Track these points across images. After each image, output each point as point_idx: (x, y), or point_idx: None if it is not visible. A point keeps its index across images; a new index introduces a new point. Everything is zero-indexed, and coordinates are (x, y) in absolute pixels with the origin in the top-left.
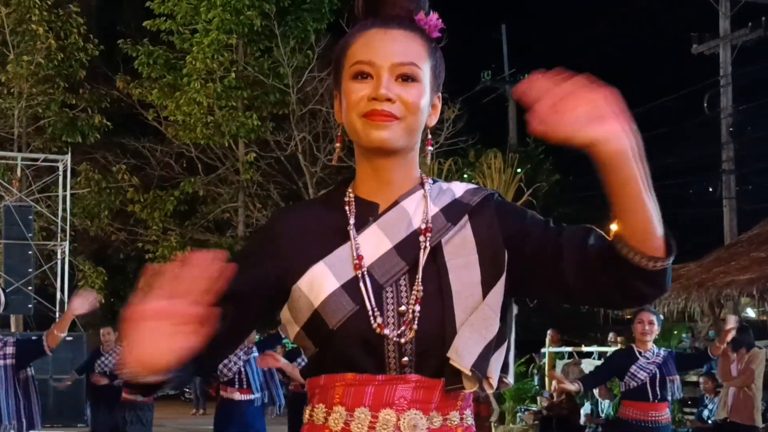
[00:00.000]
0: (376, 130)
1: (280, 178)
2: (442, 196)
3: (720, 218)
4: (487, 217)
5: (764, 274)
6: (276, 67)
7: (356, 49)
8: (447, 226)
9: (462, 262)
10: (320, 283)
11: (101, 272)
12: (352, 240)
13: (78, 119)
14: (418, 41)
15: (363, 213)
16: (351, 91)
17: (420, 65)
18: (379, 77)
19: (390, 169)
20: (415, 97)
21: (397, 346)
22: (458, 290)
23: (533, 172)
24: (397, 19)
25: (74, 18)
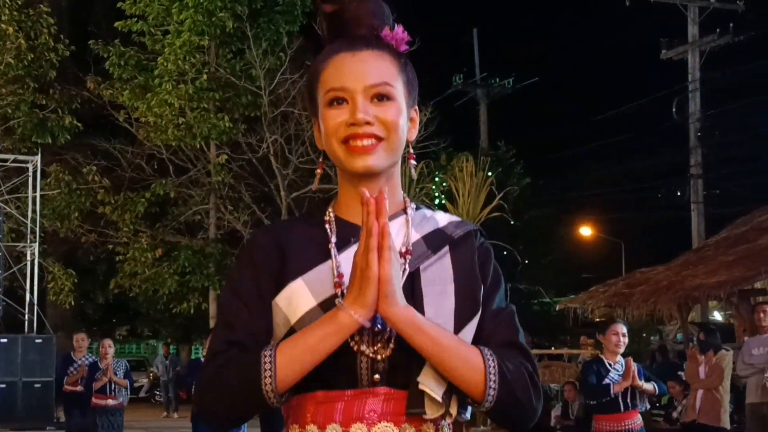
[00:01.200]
0: (360, 157)
1: (252, 180)
2: (424, 224)
3: (688, 222)
4: (468, 253)
5: (731, 277)
6: (248, 69)
7: (327, 76)
8: (427, 253)
9: (438, 290)
10: (297, 300)
11: (71, 274)
12: (334, 258)
13: (48, 120)
14: (388, 59)
15: (345, 233)
16: (328, 118)
17: (393, 83)
18: (354, 101)
19: (373, 190)
20: (393, 116)
21: (371, 363)
22: (430, 317)
23: (504, 175)
24: (364, 40)
25: (44, 18)
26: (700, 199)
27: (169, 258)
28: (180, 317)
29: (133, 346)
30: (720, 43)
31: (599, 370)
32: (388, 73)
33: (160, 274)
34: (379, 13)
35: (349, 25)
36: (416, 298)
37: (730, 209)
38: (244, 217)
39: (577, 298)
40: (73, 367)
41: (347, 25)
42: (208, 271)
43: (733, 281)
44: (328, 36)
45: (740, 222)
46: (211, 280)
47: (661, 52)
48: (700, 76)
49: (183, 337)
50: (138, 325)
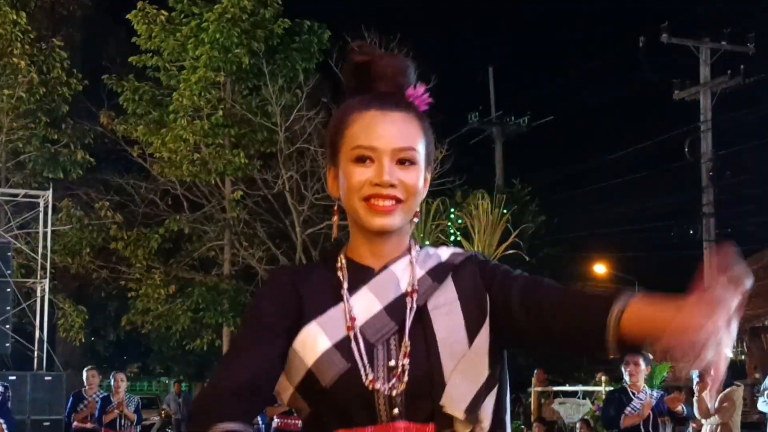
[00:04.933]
0: (378, 217)
1: (267, 216)
2: (428, 260)
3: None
4: (469, 271)
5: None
6: (264, 105)
7: (356, 132)
8: (433, 285)
9: (445, 309)
10: (313, 343)
11: (82, 311)
12: (345, 302)
13: (60, 155)
14: (414, 122)
15: (356, 275)
16: (352, 175)
17: (417, 148)
18: (380, 163)
19: (384, 244)
20: (414, 180)
21: (388, 399)
22: (443, 337)
23: (519, 213)
24: (394, 99)
25: (57, 52)
26: (712, 238)
27: (183, 294)
28: (193, 354)
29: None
30: (731, 84)
31: (621, 398)
32: (414, 137)
33: (173, 310)
34: (407, 72)
35: (376, 79)
36: (425, 324)
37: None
38: (258, 254)
39: None
40: (83, 404)
41: (375, 80)
42: (221, 308)
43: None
44: (353, 86)
45: (752, 260)
46: (224, 316)
47: (674, 92)
48: (711, 116)
49: (196, 374)
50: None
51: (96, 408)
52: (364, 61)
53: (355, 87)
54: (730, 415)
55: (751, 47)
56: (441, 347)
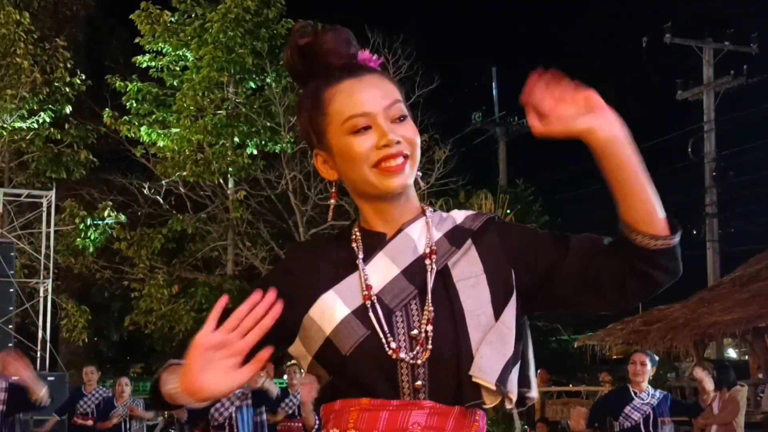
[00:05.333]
0: (393, 177)
1: (271, 216)
2: (443, 223)
3: (703, 260)
4: (491, 239)
5: (746, 315)
6: (267, 105)
7: (340, 105)
8: (452, 249)
9: (471, 282)
10: (331, 311)
11: (85, 311)
12: (361, 270)
13: (63, 155)
14: (386, 79)
15: (370, 243)
16: (354, 146)
17: (401, 100)
18: (378, 125)
19: (395, 207)
20: (413, 133)
21: (411, 369)
22: (470, 309)
23: (523, 213)
24: (357, 65)
25: (61, 52)
26: (715, 238)
27: (186, 294)
28: None
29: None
30: (734, 84)
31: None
32: (395, 93)
33: (176, 310)
34: (351, 42)
35: (326, 55)
36: (451, 293)
37: (745, 248)
38: (262, 254)
39: (595, 336)
40: (82, 401)
41: (325, 56)
42: None
43: (747, 319)
44: (304, 69)
45: (755, 260)
46: None
47: (677, 92)
48: (714, 116)
49: None
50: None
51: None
52: (309, 41)
53: (307, 71)
54: (734, 416)
55: (754, 47)
56: (468, 318)
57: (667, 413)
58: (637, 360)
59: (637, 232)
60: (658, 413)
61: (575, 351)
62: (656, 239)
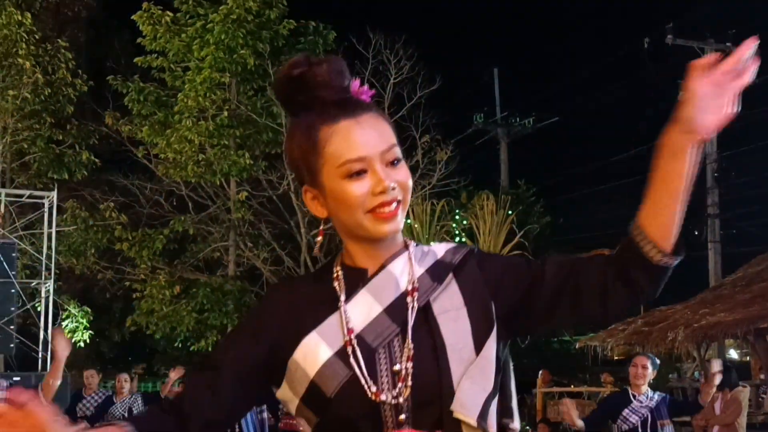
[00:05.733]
0: (386, 224)
1: (272, 217)
2: (425, 258)
3: (705, 261)
4: (471, 272)
5: (748, 315)
6: (269, 106)
7: (336, 147)
8: (433, 285)
9: (452, 315)
10: (314, 353)
11: (86, 311)
12: (342, 312)
13: (65, 155)
14: (381, 119)
15: (352, 280)
16: (350, 191)
17: (396, 143)
18: (374, 171)
19: (381, 247)
20: (406, 177)
21: (394, 407)
22: (452, 343)
23: (524, 214)
24: (354, 103)
25: (62, 53)
26: (717, 239)
27: (188, 295)
28: (197, 355)
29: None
30: None
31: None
32: (391, 134)
33: (177, 311)
34: (344, 73)
35: (318, 88)
36: (432, 328)
37: (747, 248)
38: (263, 255)
39: (596, 336)
40: (82, 404)
41: (316, 89)
42: (226, 309)
43: (749, 319)
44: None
45: (756, 261)
46: (229, 317)
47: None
48: None
49: None
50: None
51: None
52: (302, 72)
53: (297, 102)
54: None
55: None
56: (450, 353)
57: (666, 415)
58: (639, 363)
59: (648, 242)
60: (657, 416)
61: (577, 352)
62: (663, 255)
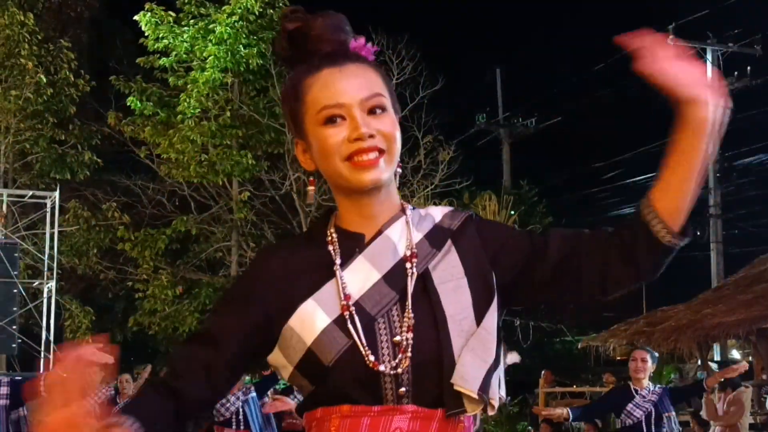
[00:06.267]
0: (365, 172)
1: (275, 217)
2: (423, 222)
3: (707, 262)
4: (471, 240)
5: (750, 316)
6: (271, 106)
7: (316, 94)
8: (432, 252)
9: (452, 285)
10: (312, 321)
11: (89, 312)
12: (338, 278)
13: (67, 156)
14: (371, 70)
15: (348, 245)
16: (326, 137)
17: (383, 93)
18: (353, 117)
19: (373, 204)
20: (390, 127)
21: (394, 377)
22: (452, 314)
23: (527, 214)
24: (342, 54)
25: (65, 53)
26: (719, 239)
27: (190, 295)
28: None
29: None
30: (738, 85)
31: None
32: (377, 84)
33: (180, 311)
34: (343, 28)
35: (315, 41)
36: (432, 297)
37: (749, 249)
38: None
39: (598, 337)
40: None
41: (313, 42)
42: None
43: (751, 320)
44: (291, 56)
45: (759, 261)
46: None
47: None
48: None
49: None
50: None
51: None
52: (298, 26)
53: (295, 56)
54: (739, 417)
55: (757, 49)
56: (450, 324)
57: (670, 408)
58: (638, 356)
59: (659, 220)
60: (661, 409)
61: (579, 352)
62: (671, 235)
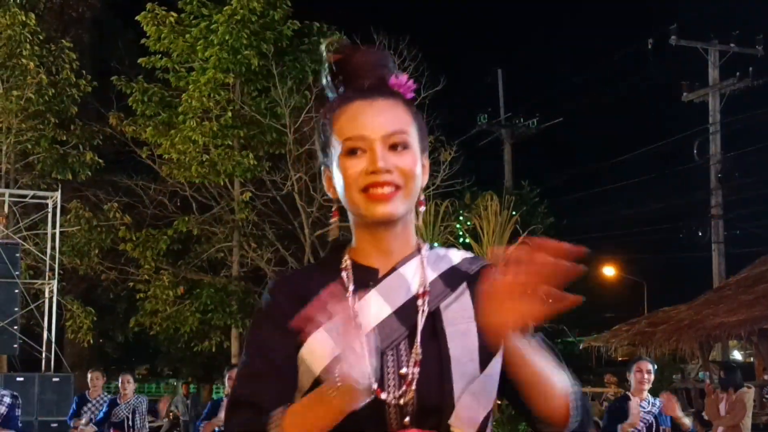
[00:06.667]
0: (379, 205)
1: (276, 217)
2: (439, 263)
3: (709, 262)
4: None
5: (751, 316)
6: (273, 106)
7: (343, 125)
8: (445, 291)
9: (461, 329)
10: (321, 350)
11: (90, 312)
12: (351, 308)
13: (69, 156)
14: (401, 107)
15: (362, 278)
16: (347, 168)
17: (408, 131)
18: (373, 150)
19: (389, 238)
20: (410, 164)
21: (399, 408)
22: (457, 357)
23: (528, 215)
24: (377, 88)
25: (66, 53)
26: (720, 240)
27: (191, 296)
28: (201, 356)
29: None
30: (740, 86)
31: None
32: (403, 122)
33: (181, 312)
34: (385, 63)
35: (355, 74)
36: (440, 338)
37: (750, 249)
38: (267, 255)
39: (600, 337)
40: (86, 407)
41: (354, 74)
42: (230, 309)
43: (753, 320)
44: (334, 85)
45: (760, 262)
46: (233, 318)
47: (683, 94)
48: (720, 118)
49: (204, 376)
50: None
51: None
52: (339, 58)
53: (336, 86)
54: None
55: (759, 49)
56: (454, 366)
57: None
58: (644, 368)
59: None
60: (660, 422)
61: (581, 352)
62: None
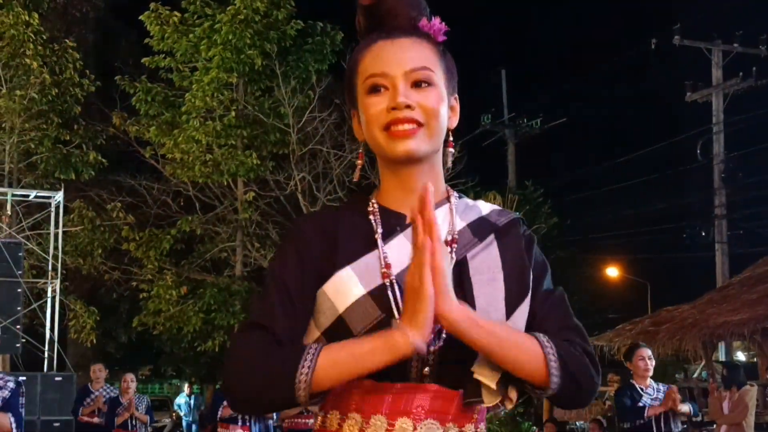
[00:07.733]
0: (401, 142)
1: (279, 217)
2: (468, 212)
3: (712, 262)
4: (514, 240)
5: (755, 315)
6: (276, 106)
7: (367, 64)
8: (473, 241)
9: (487, 278)
10: (346, 289)
11: (93, 312)
12: (380, 248)
13: (72, 156)
14: (427, 46)
15: (389, 222)
16: (369, 106)
17: (433, 69)
18: (395, 87)
19: (416, 178)
20: (434, 102)
21: (421, 358)
22: (482, 307)
23: (532, 214)
24: (403, 28)
25: (70, 53)
26: (724, 240)
27: (194, 296)
28: (204, 356)
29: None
30: (743, 86)
31: (632, 394)
32: (428, 59)
33: (184, 311)
34: (416, 5)
35: (386, 16)
36: (465, 287)
37: (754, 249)
38: (270, 255)
39: (603, 336)
40: (90, 398)
41: (385, 17)
42: (233, 309)
43: (756, 319)
44: (365, 29)
45: (763, 261)
46: (236, 318)
47: (686, 94)
48: (723, 118)
49: (207, 376)
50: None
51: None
52: (371, 1)
53: (367, 30)
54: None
55: (763, 49)
56: (479, 315)
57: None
58: (645, 354)
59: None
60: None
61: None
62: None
